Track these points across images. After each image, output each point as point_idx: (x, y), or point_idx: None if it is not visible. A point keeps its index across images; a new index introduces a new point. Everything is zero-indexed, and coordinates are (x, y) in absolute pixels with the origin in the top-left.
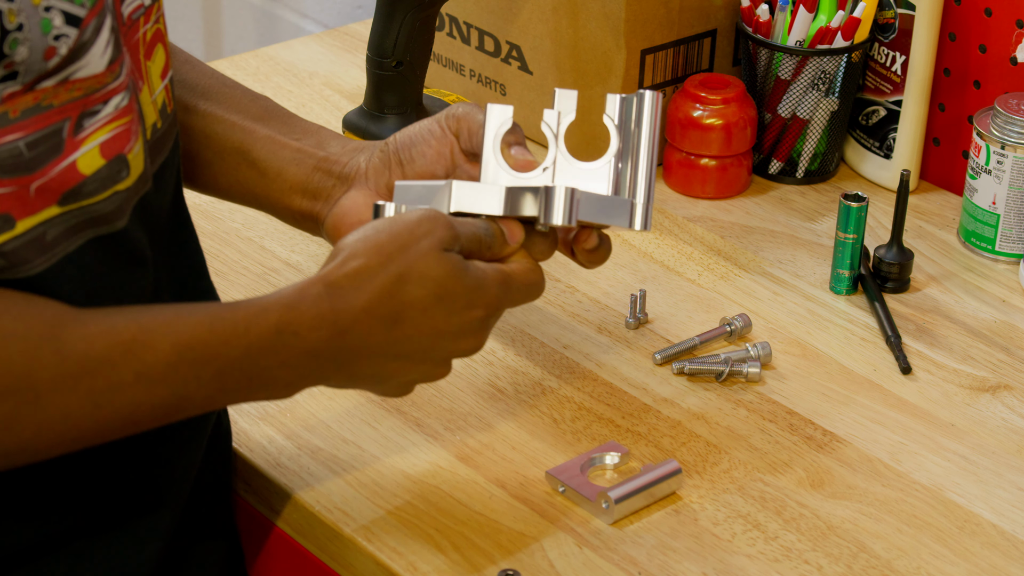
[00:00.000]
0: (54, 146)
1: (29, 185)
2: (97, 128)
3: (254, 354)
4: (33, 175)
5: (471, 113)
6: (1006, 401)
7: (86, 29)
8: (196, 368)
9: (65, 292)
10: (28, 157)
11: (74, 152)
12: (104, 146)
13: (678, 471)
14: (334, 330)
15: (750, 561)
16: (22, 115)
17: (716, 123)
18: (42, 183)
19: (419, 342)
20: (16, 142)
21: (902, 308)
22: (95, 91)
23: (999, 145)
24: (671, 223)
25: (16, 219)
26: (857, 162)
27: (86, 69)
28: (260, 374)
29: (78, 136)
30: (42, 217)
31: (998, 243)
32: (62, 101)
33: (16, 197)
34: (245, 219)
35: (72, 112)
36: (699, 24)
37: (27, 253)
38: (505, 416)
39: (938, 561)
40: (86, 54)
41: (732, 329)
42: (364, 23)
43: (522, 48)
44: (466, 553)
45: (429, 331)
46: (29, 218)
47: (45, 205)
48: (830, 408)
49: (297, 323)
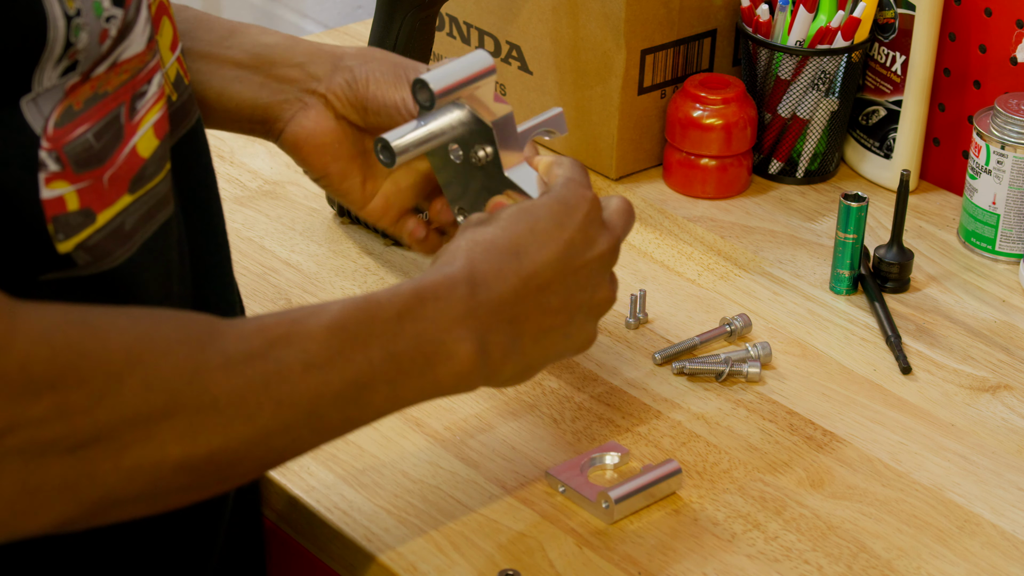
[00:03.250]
0: (116, 133)
1: (102, 176)
2: (148, 109)
3: (406, 320)
4: (104, 166)
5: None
6: (1006, 401)
7: (130, 8)
8: (360, 347)
9: (146, 279)
10: (98, 148)
11: (133, 136)
12: (157, 126)
13: (678, 471)
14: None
15: (750, 561)
16: (84, 106)
17: (716, 123)
18: (113, 172)
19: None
20: (85, 135)
21: (902, 308)
22: (139, 71)
23: (999, 145)
24: (671, 223)
25: (96, 212)
26: (857, 162)
27: (130, 49)
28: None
29: (133, 120)
30: (119, 207)
31: (998, 243)
32: (115, 86)
33: (93, 190)
34: (245, 219)
35: (125, 96)
36: (699, 24)
37: (109, 245)
38: (505, 416)
39: (938, 561)
40: (131, 33)
41: (732, 329)
42: (364, 23)
43: (522, 48)
44: (466, 553)
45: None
46: (107, 210)
47: (119, 195)
48: (830, 408)
49: (431, 289)
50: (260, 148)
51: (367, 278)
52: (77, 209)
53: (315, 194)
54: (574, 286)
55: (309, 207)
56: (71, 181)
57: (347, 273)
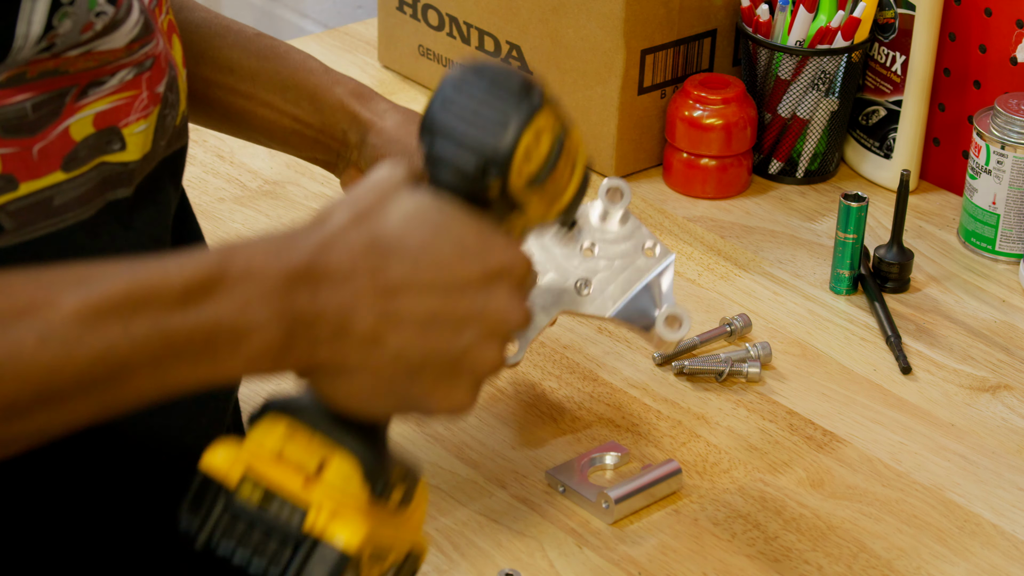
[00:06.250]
0: (54, 110)
1: (31, 147)
2: (99, 98)
3: (196, 295)
4: (35, 137)
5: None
6: (1006, 401)
7: (120, 7)
8: (122, 323)
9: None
10: (32, 119)
11: (70, 117)
12: (99, 116)
13: (678, 471)
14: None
15: (750, 561)
16: (38, 76)
17: (716, 123)
18: (43, 146)
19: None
20: (24, 103)
21: (902, 308)
22: (108, 63)
23: (999, 145)
24: (671, 223)
25: (19, 181)
26: (857, 162)
27: (109, 44)
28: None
29: (78, 103)
30: (48, 182)
31: (998, 243)
32: (77, 69)
33: (19, 158)
34: (245, 219)
35: (82, 80)
36: (699, 24)
37: (31, 215)
38: (505, 416)
39: (938, 561)
40: (116, 31)
41: (732, 329)
42: (364, 23)
43: (522, 48)
44: (466, 553)
45: (433, 264)
46: (34, 181)
47: (50, 170)
48: (830, 408)
49: (246, 255)
50: (260, 148)
51: None
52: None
53: (315, 194)
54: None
55: (309, 207)
56: None
57: None
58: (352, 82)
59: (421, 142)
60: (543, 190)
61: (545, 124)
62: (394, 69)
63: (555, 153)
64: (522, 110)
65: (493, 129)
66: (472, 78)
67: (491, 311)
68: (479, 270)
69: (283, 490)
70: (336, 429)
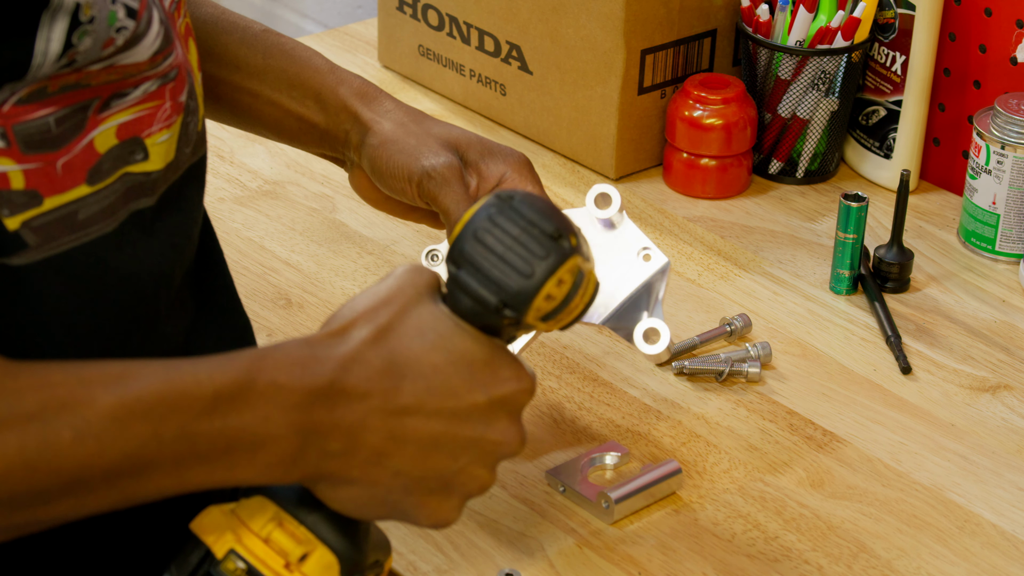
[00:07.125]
0: (78, 123)
1: (55, 162)
2: (121, 109)
3: (223, 404)
4: (59, 152)
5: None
6: (1006, 401)
7: (141, 21)
8: (152, 424)
9: (99, 271)
10: (55, 133)
11: (94, 129)
12: (122, 127)
13: (678, 471)
14: (319, 375)
15: (750, 561)
16: (59, 90)
17: (716, 123)
18: (67, 160)
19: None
20: (47, 118)
21: (902, 308)
22: (131, 76)
23: (999, 145)
24: (671, 223)
25: (44, 196)
26: (857, 162)
27: (131, 58)
28: (238, 432)
29: (101, 114)
30: (73, 196)
31: (998, 243)
32: (100, 82)
33: (43, 173)
34: (245, 219)
35: (104, 92)
36: (699, 24)
37: (55, 230)
38: None
39: (938, 561)
40: (137, 45)
41: (732, 329)
42: (364, 23)
43: (522, 48)
44: (466, 553)
45: (443, 390)
46: (58, 196)
47: (75, 184)
48: (830, 408)
49: (273, 368)
50: (260, 148)
51: (367, 278)
52: (22, 189)
53: (315, 194)
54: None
55: (309, 207)
56: (17, 160)
57: (347, 273)
58: (358, 80)
59: (447, 263)
60: (555, 320)
61: (569, 270)
62: (394, 69)
63: (572, 294)
64: (550, 261)
65: (518, 274)
66: (508, 213)
67: (489, 439)
68: (484, 399)
69: (265, 571)
70: (322, 526)
